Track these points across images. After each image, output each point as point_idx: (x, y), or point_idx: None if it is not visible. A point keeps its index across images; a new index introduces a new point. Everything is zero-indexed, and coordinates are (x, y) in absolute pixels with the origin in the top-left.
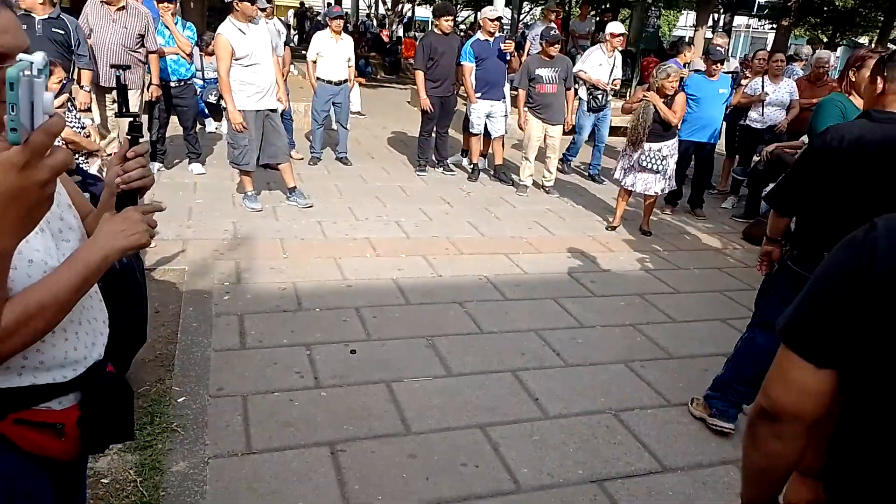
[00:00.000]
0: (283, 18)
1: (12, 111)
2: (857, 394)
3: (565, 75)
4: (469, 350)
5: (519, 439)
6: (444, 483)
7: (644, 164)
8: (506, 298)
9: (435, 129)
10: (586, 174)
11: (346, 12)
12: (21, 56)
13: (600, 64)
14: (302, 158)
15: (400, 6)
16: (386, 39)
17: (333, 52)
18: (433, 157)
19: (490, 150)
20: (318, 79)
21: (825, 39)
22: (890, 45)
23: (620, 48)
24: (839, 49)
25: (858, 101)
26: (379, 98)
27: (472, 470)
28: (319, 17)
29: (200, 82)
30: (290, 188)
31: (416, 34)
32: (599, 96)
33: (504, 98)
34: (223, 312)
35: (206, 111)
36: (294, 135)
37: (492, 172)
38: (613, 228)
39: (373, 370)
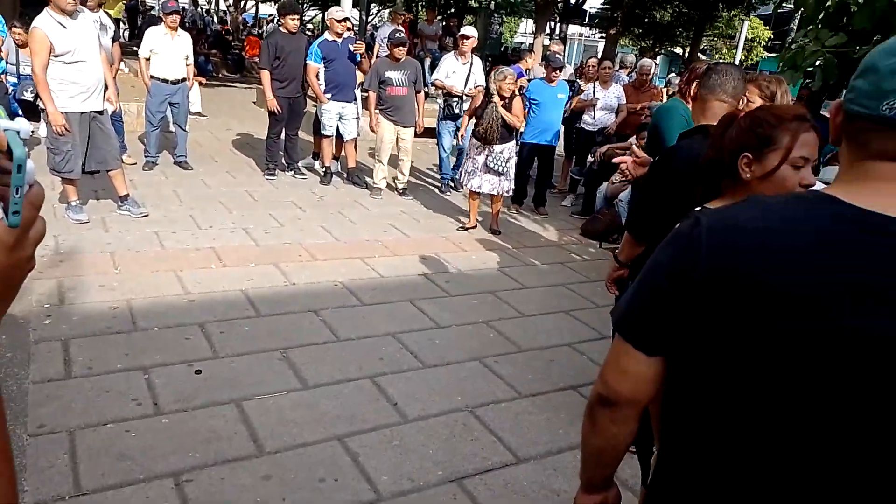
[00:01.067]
0: (109, 12)
1: (17, 194)
2: (679, 377)
3: (415, 78)
4: (325, 360)
5: (379, 447)
6: (302, 502)
7: (491, 165)
8: (362, 303)
9: (284, 130)
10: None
11: (184, 7)
12: (5, 125)
13: (454, 71)
14: (135, 163)
15: (242, 3)
16: (228, 37)
17: (169, 49)
18: (283, 161)
19: (342, 153)
20: (152, 77)
21: (647, 49)
22: (700, 56)
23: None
24: (658, 58)
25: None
26: (222, 98)
27: (330, 484)
28: (153, 12)
29: (14, 79)
30: (121, 196)
31: (262, 32)
32: (454, 104)
33: (355, 100)
34: (44, 338)
35: (20, 111)
36: (125, 138)
37: (345, 175)
38: (466, 229)
39: (221, 390)
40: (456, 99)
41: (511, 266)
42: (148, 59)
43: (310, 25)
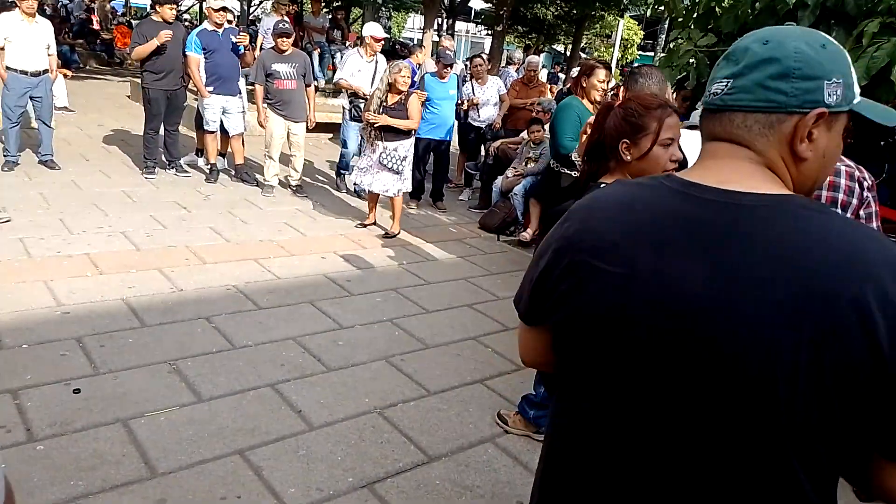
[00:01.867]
0: None
1: None
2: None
3: (304, 71)
4: (221, 370)
5: (284, 458)
6: None
7: (384, 163)
8: (259, 307)
9: (163, 125)
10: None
11: None
12: None
13: (359, 70)
14: None
15: None
16: (96, 26)
17: (26, 38)
18: (163, 158)
19: (229, 149)
20: (8, 69)
21: (532, 46)
22: (581, 54)
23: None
24: (542, 55)
25: (587, 105)
26: (92, 91)
27: (233, 502)
28: None
29: None
30: None
31: (132, 21)
32: (361, 105)
33: (240, 93)
34: None
35: None
36: None
37: (233, 173)
38: (364, 226)
39: (104, 409)
40: (362, 100)
41: (412, 262)
42: (2, 49)
43: (186, 16)
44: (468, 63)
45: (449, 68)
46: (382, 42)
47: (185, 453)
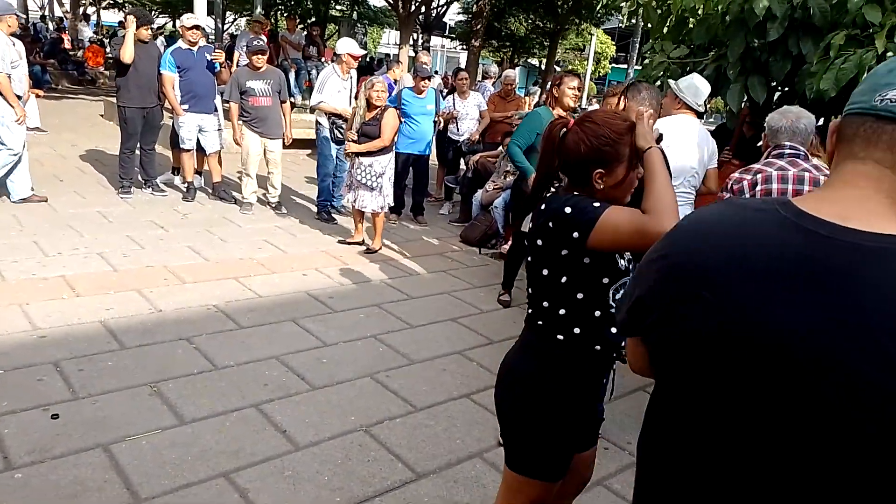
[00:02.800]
0: None
1: None
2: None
3: (279, 87)
4: (203, 391)
5: (269, 479)
6: None
7: (360, 178)
8: (240, 327)
9: (139, 144)
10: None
11: (15, 12)
12: None
13: (339, 91)
14: None
15: (81, 8)
16: (68, 45)
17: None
18: (139, 177)
19: (205, 167)
20: None
21: (505, 60)
22: (556, 67)
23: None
24: (517, 69)
25: (562, 113)
26: (64, 112)
27: None
28: None
29: None
30: None
31: (101, 39)
32: (344, 125)
33: (216, 111)
34: None
35: None
36: None
37: (210, 191)
38: (348, 243)
39: (84, 435)
40: (343, 120)
41: (395, 277)
42: None
43: (162, 32)
44: (453, 76)
45: (427, 81)
46: (359, 59)
47: (169, 477)
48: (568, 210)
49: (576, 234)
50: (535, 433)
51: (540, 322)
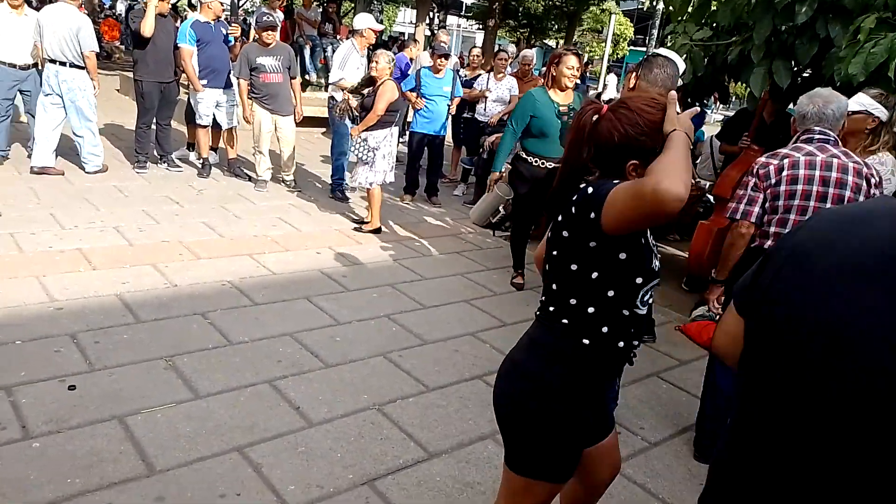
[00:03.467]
0: None
1: None
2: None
3: (288, 63)
4: (217, 366)
5: (283, 455)
6: None
7: (355, 152)
8: (254, 303)
9: (155, 119)
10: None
11: None
12: None
13: (357, 67)
14: None
15: None
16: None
17: (14, 30)
18: (154, 153)
19: (221, 143)
20: None
21: (522, 40)
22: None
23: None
24: (534, 50)
25: (556, 95)
26: None
27: (233, 500)
28: None
29: None
30: None
31: (118, 14)
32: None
33: (232, 86)
34: None
35: None
36: None
37: (226, 167)
38: (362, 224)
39: (100, 406)
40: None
41: (408, 257)
42: None
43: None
44: (494, 56)
45: (444, 60)
46: (377, 35)
47: (183, 451)
48: (589, 190)
49: (592, 215)
50: (544, 434)
51: (565, 321)
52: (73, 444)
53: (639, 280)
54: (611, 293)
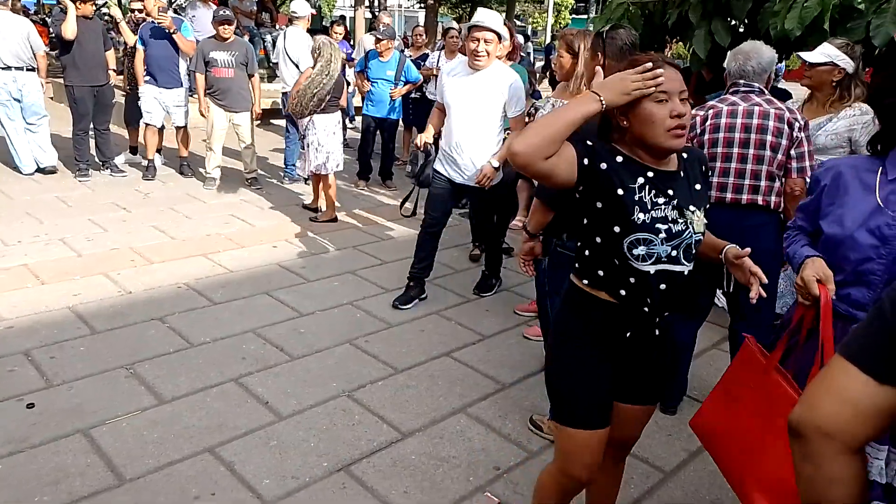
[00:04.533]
0: None
1: None
2: None
3: (244, 60)
4: (180, 369)
5: (255, 451)
6: None
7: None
8: (213, 303)
9: (92, 125)
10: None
11: None
12: None
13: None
14: None
15: None
16: None
17: None
18: (96, 159)
19: (174, 144)
20: None
21: (464, 16)
22: (516, 21)
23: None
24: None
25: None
26: None
27: (207, 501)
28: None
29: None
30: None
31: (46, 19)
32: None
33: (181, 85)
34: None
35: None
36: None
37: (176, 168)
38: (313, 210)
39: (62, 421)
40: None
41: (367, 243)
42: None
43: (105, 10)
44: (443, 35)
45: (388, 42)
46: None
47: (153, 457)
48: None
49: None
50: (553, 374)
51: (577, 264)
52: (36, 462)
53: (616, 229)
54: (598, 239)
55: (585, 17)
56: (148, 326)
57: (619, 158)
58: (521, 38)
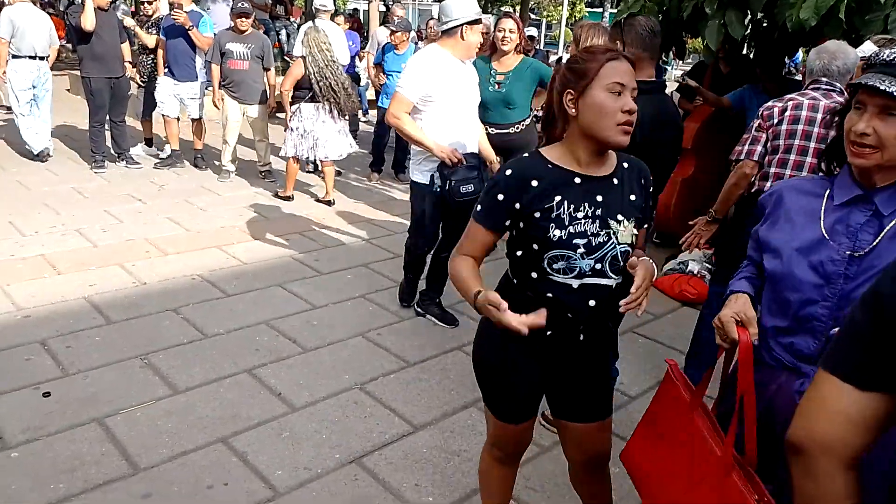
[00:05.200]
0: None
1: None
2: None
3: (260, 53)
4: (194, 360)
5: (268, 441)
6: None
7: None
8: (227, 294)
9: (109, 117)
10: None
11: None
12: None
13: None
14: None
15: None
16: None
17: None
18: (112, 151)
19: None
20: None
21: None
22: (530, 14)
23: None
24: (490, 17)
25: (497, 61)
26: None
27: (220, 490)
28: None
29: None
30: None
31: (63, 12)
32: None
33: (196, 78)
34: None
35: None
36: None
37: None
38: (326, 203)
39: (78, 410)
40: None
41: (379, 236)
42: None
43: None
44: (419, 31)
45: (402, 35)
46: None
47: (167, 446)
48: None
49: None
50: (483, 370)
51: (509, 263)
52: (53, 450)
53: (535, 246)
54: (519, 253)
55: (601, 10)
56: (162, 317)
57: (540, 174)
58: (534, 31)
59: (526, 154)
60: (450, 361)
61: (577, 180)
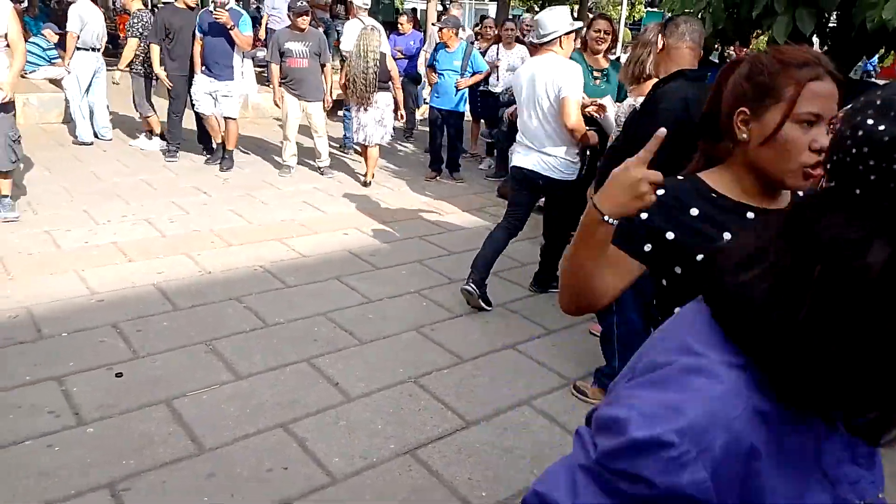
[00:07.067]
0: None
1: None
2: None
3: (318, 50)
4: (256, 347)
5: (325, 429)
6: (252, 495)
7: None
8: (287, 286)
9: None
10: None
11: None
12: None
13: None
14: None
15: None
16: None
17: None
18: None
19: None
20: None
21: (535, 8)
22: (588, 13)
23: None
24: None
25: (591, 58)
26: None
27: (280, 474)
28: None
29: None
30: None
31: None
32: None
33: (232, 78)
34: None
35: None
36: None
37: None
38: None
39: (147, 391)
40: None
41: (434, 234)
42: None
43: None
44: (500, 26)
45: (450, 33)
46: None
47: (230, 429)
48: None
49: None
50: None
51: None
52: (125, 427)
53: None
54: (677, 310)
55: (660, 10)
56: (226, 305)
57: (703, 203)
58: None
59: (680, 176)
60: (502, 359)
61: (750, 214)
